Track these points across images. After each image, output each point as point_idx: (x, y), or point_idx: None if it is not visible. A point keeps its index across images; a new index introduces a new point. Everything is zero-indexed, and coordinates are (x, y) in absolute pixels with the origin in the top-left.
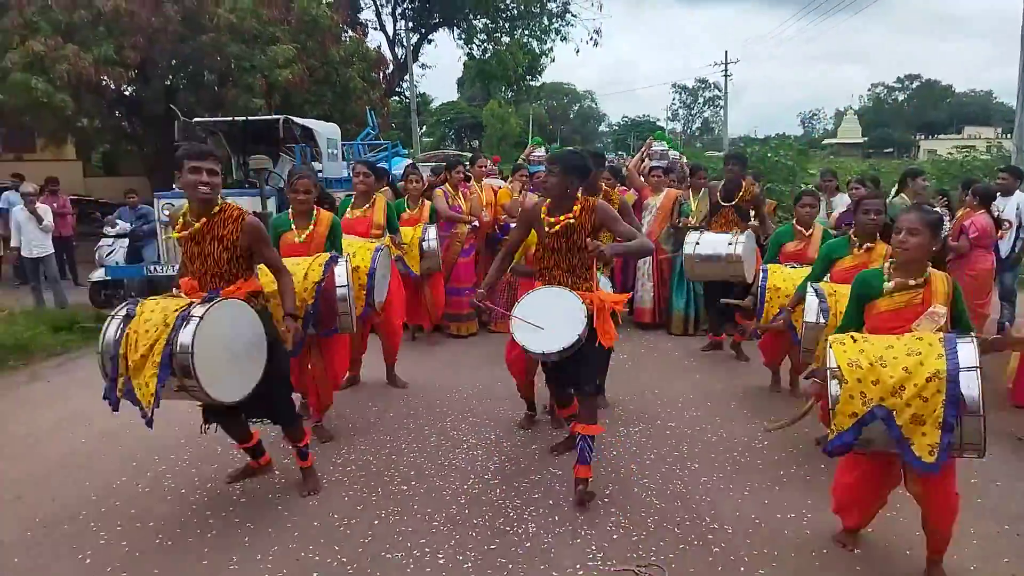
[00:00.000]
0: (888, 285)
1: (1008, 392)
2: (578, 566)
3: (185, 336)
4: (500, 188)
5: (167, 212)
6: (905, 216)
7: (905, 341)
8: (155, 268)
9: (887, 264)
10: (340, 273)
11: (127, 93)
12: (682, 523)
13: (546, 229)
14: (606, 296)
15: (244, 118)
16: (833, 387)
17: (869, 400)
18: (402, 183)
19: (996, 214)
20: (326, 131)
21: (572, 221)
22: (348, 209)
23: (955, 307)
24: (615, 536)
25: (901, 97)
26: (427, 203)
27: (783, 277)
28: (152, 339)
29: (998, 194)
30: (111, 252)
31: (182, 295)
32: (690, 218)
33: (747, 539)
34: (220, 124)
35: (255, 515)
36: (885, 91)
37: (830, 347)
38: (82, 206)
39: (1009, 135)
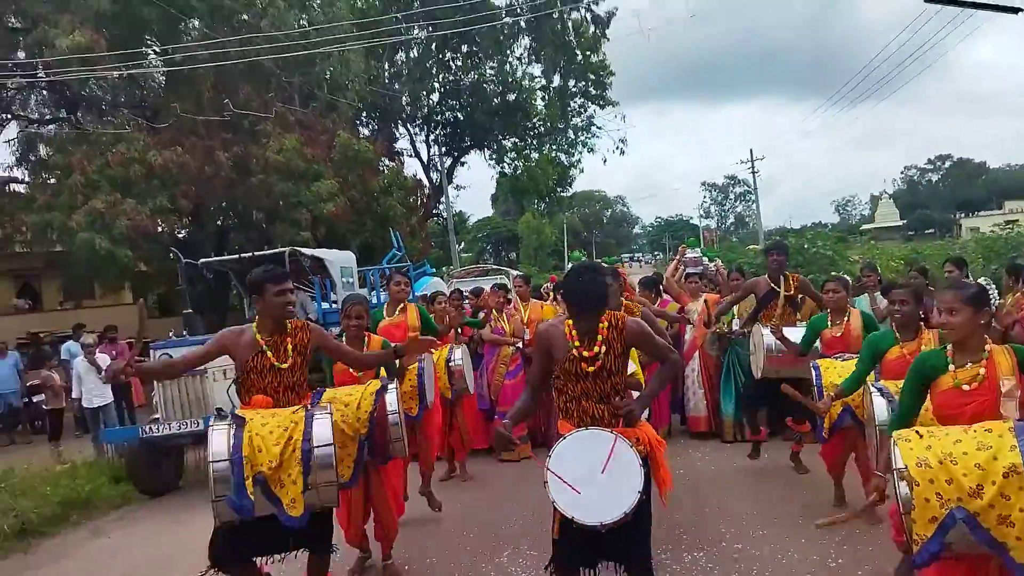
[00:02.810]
0: (951, 366)
1: None
2: None
3: (323, 428)
4: (544, 306)
5: None
6: (941, 296)
7: (973, 434)
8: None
9: (949, 346)
10: (391, 401)
11: (181, 237)
12: None
13: (574, 355)
14: (650, 431)
15: (251, 254)
16: (903, 490)
17: (947, 502)
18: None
19: None
20: (338, 259)
21: (603, 349)
22: (383, 317)
23: None
24: None
25: (935, 178)
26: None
27: (838, 373)
28: (284, 436)
29: None
30: None
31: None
32: (725, 321)
33: None
34: (227, 263)
35: None
36: (918, 173)
37: (895, 445)
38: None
39: None
